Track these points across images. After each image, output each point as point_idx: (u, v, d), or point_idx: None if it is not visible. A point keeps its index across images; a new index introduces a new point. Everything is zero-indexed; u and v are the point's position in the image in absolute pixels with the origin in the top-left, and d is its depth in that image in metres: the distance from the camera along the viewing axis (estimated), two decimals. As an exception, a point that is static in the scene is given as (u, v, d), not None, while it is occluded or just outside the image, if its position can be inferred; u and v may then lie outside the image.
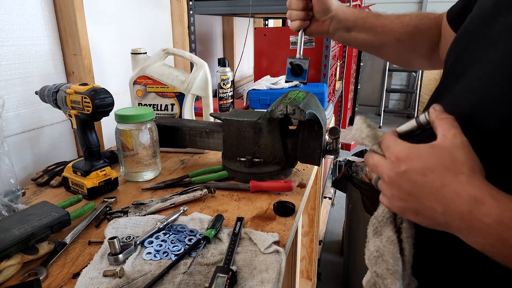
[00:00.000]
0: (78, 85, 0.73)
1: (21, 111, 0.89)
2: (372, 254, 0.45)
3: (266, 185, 0.81)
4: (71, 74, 1.02)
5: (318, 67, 1.47)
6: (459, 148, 0.37)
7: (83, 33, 0.99)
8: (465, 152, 0.36)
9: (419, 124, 0.42)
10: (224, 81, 1.33)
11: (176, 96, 1.03)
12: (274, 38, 1.54)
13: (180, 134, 0.95)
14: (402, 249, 0.43)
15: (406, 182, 0.38)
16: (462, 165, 0.36)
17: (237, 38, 2.15)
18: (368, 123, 0.45)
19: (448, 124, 0.38)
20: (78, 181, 0.76)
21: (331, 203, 2.49)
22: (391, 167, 0.40)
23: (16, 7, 0.86)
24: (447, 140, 0.37)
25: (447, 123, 0.38)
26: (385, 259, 0.43)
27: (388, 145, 0.41)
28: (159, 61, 1.03)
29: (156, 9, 1.42)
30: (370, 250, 0.46)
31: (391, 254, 0.43)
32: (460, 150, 0.36)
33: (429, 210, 0.37)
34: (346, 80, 2.30)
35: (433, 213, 0.37)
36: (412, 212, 0.39)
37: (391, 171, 0.39)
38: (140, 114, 0.82)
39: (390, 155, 0.40)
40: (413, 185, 0.38)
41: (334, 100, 1.88)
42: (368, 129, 0.44)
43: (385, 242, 0.43)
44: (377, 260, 0.44)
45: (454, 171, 0.36)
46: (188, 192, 0.78)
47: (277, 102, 0.83)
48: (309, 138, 0.83)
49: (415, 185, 0.38)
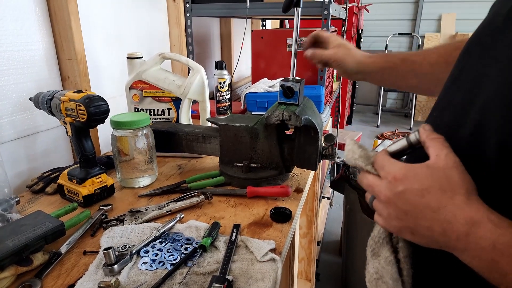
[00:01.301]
0: (73, 93, 0.72)
1: (16, 117, 0.89)
2: (372, 276, 0.45)
3: (263, 190, 0.81)
4: (67, 79, 1.01)
5: (315, 69, 1.47)
6: (453, 168, 0.37)
7: (78, 37, 0.98)
8: (459, 172, 0.37)
9: (410, 143, 0.42)
10: (222, 84, 1.33)
11: (173, 100, 1.03)
12: (271, 40, 1.53)
13: (176, 139, 0.94)
14: (401, 269, 0.43)
15: (403, 202, 0.38)
16: (458, 186, 0.36)
17: (235, 39, 2.15)
18: (358, 144, 0.45)
19: (440, 144, 0.39)
20: (73, 189, 0.76)
21: (329, 203, 2.49)
22: (388, 187, 0.40)
23: (9, 12, 0.85)
24: (441, 160, 0.38)
25: (438, 143, 0.39)
26: (385, 281, 0.43)
27: (382, 164, 0.41)
28: (156, 66, 1.03)
29: (152, 11, 1.41)
30: (370, 272, 0.46)
31: (389, 275, 0.43)
32: (454, 170, 0.37)
33: (427, 230, 0.38)
34: (344, 80, 2.29)
35: (431, 233, 0.37)
36: (409, 232, 0.39)
37: (389, 191, 0.40)
38: (136, 120, 0.82)
39: (387, 175, 0.40)
40: (410, 205, 0.38)
41: (332, 101, 1.87)
42: (360, 150, 0.44)
43: (383, 263, 0.43)
44: (377, 282, 0.44)
45: (450, 192, 0.36)
46: (184, 198, 0.77)
47: (273, 108, 0.82)
48: (306, 143, 0.83)
49: (412, 205, 0.38)
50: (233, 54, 2.15)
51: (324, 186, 2.34)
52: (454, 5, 4.71)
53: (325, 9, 1.36)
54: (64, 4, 0.94)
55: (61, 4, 0.94)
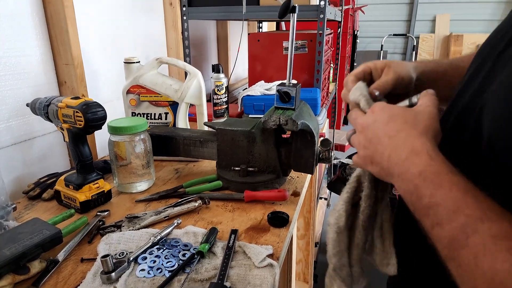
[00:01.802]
0: (70, 99, 0.72)
1: (12, 123, 0.88)
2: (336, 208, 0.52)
3: (260, 194, 0.81)
4: (63, 84, 1.01)
5: (311, 72, 1.48)
6: (425, 113, 0.42)
7: (75, 42, 0.98)
8: (428, 118, 0.41)
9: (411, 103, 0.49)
10: (219, 87, 1.33)
11: (170, 105, 1.03)
12: (267, 43, 1.54)
13: (174, 143, 0.94)
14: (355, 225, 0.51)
15: (371, 131, 0.44)
16: (420, 123, 0.41)
17: (231, 41, 2.15)
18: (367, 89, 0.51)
19: (428, 98, 0.43)
20: (70, 195, 0.76)
21: (327, 204, 2.50)
22: (365, 117, 0.45)
23: (6, 19, 0.85)
24: (419, 107, 0.43)
25: (429, 98, 0.44)
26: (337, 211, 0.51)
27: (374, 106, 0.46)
28: (153, 70, 1.03)
29: (149, 15, 1.41)
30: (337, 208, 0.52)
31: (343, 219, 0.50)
32: (425, 115, 0.41)
33: (379, 156, 0.42)
34: (340, 82, 2.30)
35: (381, 159, 0.42)
36: (370, 161, 0.44)
37: (365, 120, 0.45)
38: (134, 126, 0.82)
39: (369, 110, 0.46)
40: (374, 133, 0.43)
41: (328, 103, 1.88)
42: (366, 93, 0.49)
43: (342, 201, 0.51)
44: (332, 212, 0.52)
45: (411, 125, 0.41)
46: (182, 203, 0.78)
47: (270, 112, 0.83)
48: (302, 147, 0.83)
49: (376, 133, 0.43)
50: (230, 56, 2.15)
51: (321, 186, 2.35)
52: (448, 6, 4.74)
53: (320, 13, 1.36)
54: (61, 9, 0.94)
55: (58, 9, 0.94)
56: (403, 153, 0.39)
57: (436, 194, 0.35)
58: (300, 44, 1.48)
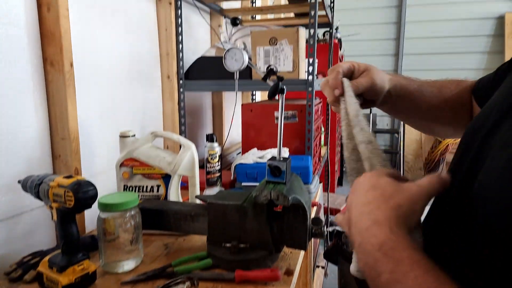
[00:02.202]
0: (63, 178, 0.73)
1: (1, 199, 0.87)
2: None
3: (252, 275, 0.78)
4: (58, 158, 1.02)
5: (303, 139, 1.52)
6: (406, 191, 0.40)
7: (73, 117, 1.02)
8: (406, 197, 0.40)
9: None
10: (212, 156, 1.36)
11: (163, 177, 1.04)
12: (260, 113, 1.61)
13: (164, 217, 0.93)
14: None
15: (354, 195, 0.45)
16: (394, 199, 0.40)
17: (226, 108, 2.25)
18: None
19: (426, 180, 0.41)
20: (53, 278, 0.72)
21: (324, 273, 2.38)
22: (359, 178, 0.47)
23: (8, 99, 0.89)
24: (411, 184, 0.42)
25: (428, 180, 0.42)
26: None
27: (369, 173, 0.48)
28: (147, 143, 1.06)
29: (147, 88, 1.49)
30: None
31: None
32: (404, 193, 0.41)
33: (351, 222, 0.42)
34: (332, 145, 2.37)
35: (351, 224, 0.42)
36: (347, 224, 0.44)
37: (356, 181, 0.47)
38: (124, 202, 0.81)
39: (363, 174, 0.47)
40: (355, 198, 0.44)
41: (320, 168, 1.91)
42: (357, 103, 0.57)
43: None
44: None
45: (385, 198, 0.40)
46: (170, 286, 0.74)
47: (261, 186, 0.84)
48: (294, 222, 0.83)
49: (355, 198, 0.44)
50: (224, 123, 2.23)
51: (318, 254, 2.26)
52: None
53: (309, 86, 1.46)
54: (62, 88, 0.99)
55: (60, 89, 0.99)
56: (367, 222, 0.40)
57: (396, 271, 0.35)
58: (291, 114, 1.55)
